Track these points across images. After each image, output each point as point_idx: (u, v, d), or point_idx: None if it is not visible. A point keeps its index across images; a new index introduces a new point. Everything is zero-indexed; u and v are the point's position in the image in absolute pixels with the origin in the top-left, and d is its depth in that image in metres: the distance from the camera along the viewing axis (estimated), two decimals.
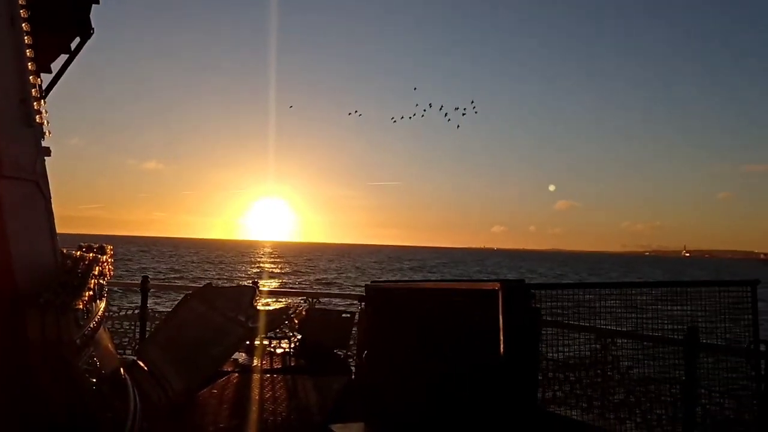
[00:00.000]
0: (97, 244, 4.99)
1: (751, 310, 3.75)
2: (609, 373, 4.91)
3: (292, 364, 6.45)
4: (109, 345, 4.80)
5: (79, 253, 4.45)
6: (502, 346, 3.44)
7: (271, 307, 6.56)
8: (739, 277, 4.02)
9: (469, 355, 3.92)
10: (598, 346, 4.96)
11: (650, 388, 4.59)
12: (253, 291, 6.04)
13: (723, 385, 3.91)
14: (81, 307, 3.81)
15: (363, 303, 5.77)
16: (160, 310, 7.88)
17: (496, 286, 3.54)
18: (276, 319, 5.90)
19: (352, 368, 6.43)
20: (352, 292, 8.53)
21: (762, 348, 3.76)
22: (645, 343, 4.32)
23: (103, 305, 4.61)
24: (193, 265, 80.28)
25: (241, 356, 6.50)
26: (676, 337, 4.14)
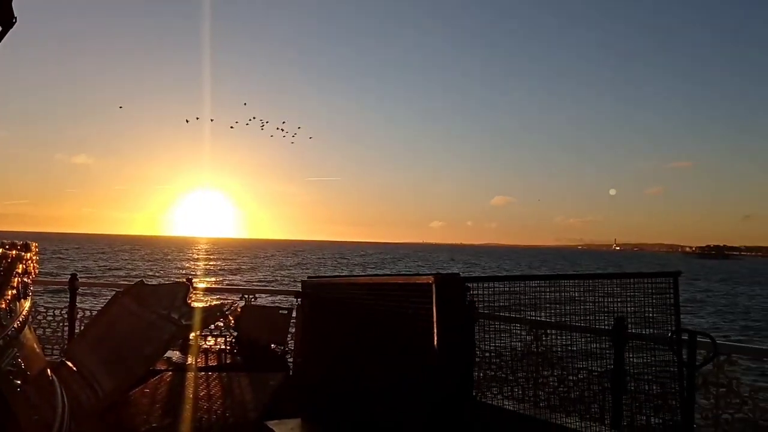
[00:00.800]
0: (21, 241, 4.78)
1: (673, 299, 3.88)
2: (540, 363, 5.04)
3: (228, 362, 6.36)
4: (35, 345, 4.61)
5: (1, 250, 4.25)
6: (435, 338, 3.47)
7: (205, 305, 6.43)
8: (665, 269, 4.16)
9: (405, 348, 3.94)
10: (530, 337, 5.08)
11: (581, 377, 4.73)
12: (187, 288, 5.91)
13: (649, 373, 4.03)
14: (3, 306, 3.66)
15: (300, 299, 5.73)
16: (90, 309, 7.64)
17: (430, 279, 3.55)
18: (210, 316, 5.78)
19: (290, 364, 6.39)
20: (290, 288, 8.47)
21: (684, 336, 3.90)
22: (576, 333, 4.43)
23: (28, 304, 4.43)
24: (126, 262, 78.21)
25: (174, 354, 6.37)
26: (605, 327, 4.26)
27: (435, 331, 3.48)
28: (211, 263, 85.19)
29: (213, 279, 52.94)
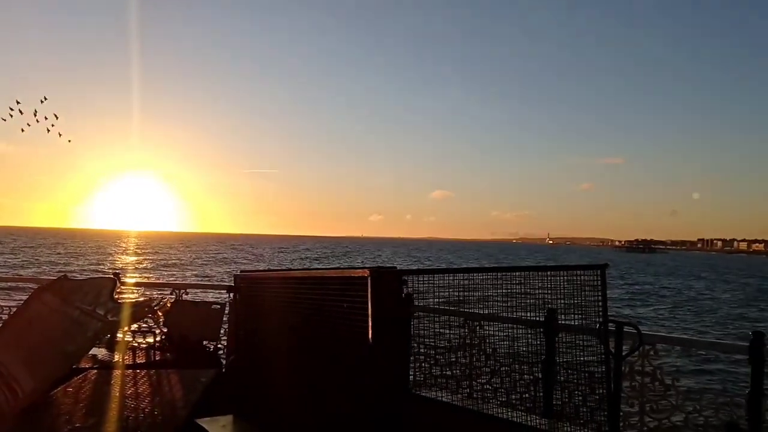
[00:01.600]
0: None
1: (601, 291, 3.95)
2: (475, 354, 5.09)
3: (158, 359, 6.16)
4: None
5: None
6: (371, 332, 3.45)
7: (133, 300, 6.21)
8: (595, 263, 4.23)
9: (341, 342, 3.91)
10: (465, 330, 5.12)
11: (514, 368, 4.80)
12: (114, 283, 5.69)
13: (579, 363, 4.11)
14: None
15: (232, 293, 5.61)
16: (8, 306, 7.28)
17: (366, 272, 3.53)
18: (139, 312, 5.57)
19: (222, 361, 6.26)
20: (222, 283, 8.28)
21: (611, 327, 3.99)
22: (509, 325, 4.48)
23: None
24: (49, 256, 75.22)
25: (100, 352, 6.13)
26: (538, 318, 4.32)
27: (370, 324, 3.47)
28: (141, 257, 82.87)
29: (143, 274, 51.51)
